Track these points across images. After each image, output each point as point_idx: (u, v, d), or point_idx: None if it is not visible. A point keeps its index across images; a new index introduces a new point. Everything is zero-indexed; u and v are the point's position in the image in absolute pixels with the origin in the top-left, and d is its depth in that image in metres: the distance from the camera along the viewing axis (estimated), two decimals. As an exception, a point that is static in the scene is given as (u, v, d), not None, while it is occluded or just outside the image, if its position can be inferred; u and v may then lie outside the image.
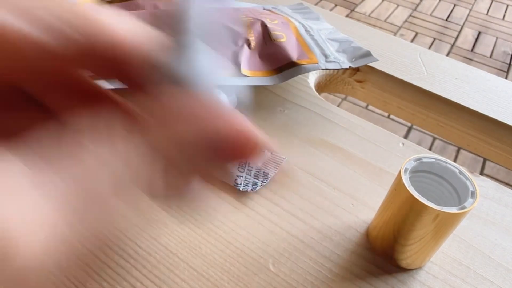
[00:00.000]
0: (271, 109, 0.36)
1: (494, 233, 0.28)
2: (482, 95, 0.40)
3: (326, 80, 0.42)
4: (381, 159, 0.33)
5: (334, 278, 0.25)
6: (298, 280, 0.25)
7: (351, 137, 0.34)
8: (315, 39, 0.37)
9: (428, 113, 0.40)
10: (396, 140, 0.34)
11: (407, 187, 0.23)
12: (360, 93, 0.43)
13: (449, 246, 0.27)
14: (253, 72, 0.34)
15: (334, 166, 0.32)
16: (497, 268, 0.26)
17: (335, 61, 0.35)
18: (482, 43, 1.74)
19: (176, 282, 0.24)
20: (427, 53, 0.45)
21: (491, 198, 0.31)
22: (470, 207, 0.22)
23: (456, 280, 0.26)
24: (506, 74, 1.58)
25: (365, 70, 0.42)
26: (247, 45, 0.35)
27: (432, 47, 1.68)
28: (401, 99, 0.41)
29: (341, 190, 0.30)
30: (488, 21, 1.90)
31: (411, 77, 0.41)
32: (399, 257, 0.25)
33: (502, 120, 0.38)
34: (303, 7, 0.45)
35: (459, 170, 0.24)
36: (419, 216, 0.22)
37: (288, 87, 0.38)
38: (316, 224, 0.27)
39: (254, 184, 0.29)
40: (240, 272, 0.25)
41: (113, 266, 0.24)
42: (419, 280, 0.25)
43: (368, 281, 0.25)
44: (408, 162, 0.24)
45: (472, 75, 0.43)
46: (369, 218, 0.28)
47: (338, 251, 0.26)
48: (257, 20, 0.37)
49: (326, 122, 0.35)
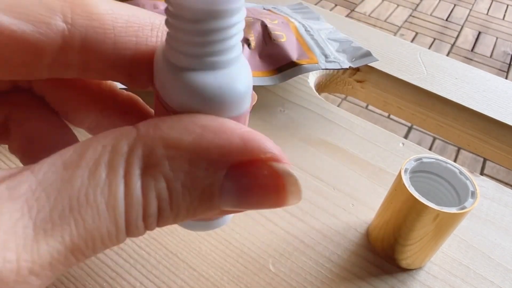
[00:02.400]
0: (271, 109, 0.36)
1: (494, 233, 0.28)
2: (482, 95, 0.40)
3: (326, 80, 0.42)
4: (381, 159, 0.33)
5: (334, 278, 0.25)
6: (298, 280, 0.25)
7: (351, 137, 0.34)
8: (315, 39, 0.37)
9: (428, 113, 0.40)
10: (396, 140, 0.34)
11: (407, 187, 0.23)
12: (360, 93, 0.43)
13: (449, 246, 0.27)
14: (253, 72, 0.34)
15: (334, 166, 0.32)
16: (497, 268, 0.26)
17: (335, 61, 0.35)
18: (482, 43, 1.74)
19: (176, 282, 0.24)
20: (427, 53, 0.45)
21: (491, 198, 0.31)
22: (470, 207, 0.22)
23: (456, 280, 0.26)
24: (506, 74, 1.58)
25: (365, 70, 0.42)
26: (247, 45, 0.35)
27: (432, 47, 1.68)
28: (401, 99, 0.41)
29: (341, 190, 0.30)
30: (488, 21, 1.90)
31: (411, 77, 0.41)
32: (399, 257, 0.25)
33: (502, 120, 0.38)
34: (303, 7, 0.45)
35: (459, 170, 0.24)
36: (419, 216, 0.22)
37: (288, 87, 0.38)
38: (316, 224, 0.27)
39: (254, 184, 0.29)
40: (240, 272, 0.24)
41: (112, 265, 0.24)
42: (419, 280, 0.25)
43: (368, 281, 0.25)
44: (408, 162, 0.24)
45: (472, 75, 0.43)
46: (369, 218, 0.28)
47: (338, 251, 0.26)
48: (257, 20, 0.37)
49: (326, 122, 0.35)
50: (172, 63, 0.13)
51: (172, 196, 0.12)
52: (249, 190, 0.12)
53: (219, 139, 0.12)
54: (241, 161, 0.12)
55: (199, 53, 0.13)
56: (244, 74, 0.14)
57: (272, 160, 0.12)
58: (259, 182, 0.12)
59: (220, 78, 0.13)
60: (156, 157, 0.12)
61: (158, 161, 0.12)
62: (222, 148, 0.12)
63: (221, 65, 0.13)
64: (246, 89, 0.14)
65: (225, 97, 0.13)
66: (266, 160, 0.12)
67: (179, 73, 0.13)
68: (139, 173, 0.12)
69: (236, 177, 0.12)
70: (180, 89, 0.13)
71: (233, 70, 0.14)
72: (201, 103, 0.13)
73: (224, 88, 0.13)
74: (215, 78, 0.13)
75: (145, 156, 0.12)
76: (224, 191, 0.12)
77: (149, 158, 0.12)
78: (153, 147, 0.12)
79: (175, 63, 0.13)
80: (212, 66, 0.13)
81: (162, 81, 0.14)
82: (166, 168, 0.12)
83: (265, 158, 0.12)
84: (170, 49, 0.13)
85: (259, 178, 0.12)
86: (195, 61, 0.13)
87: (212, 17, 0.12)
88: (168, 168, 0.12)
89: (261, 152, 0.12)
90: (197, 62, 0.13)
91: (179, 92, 0.13)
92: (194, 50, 0.13)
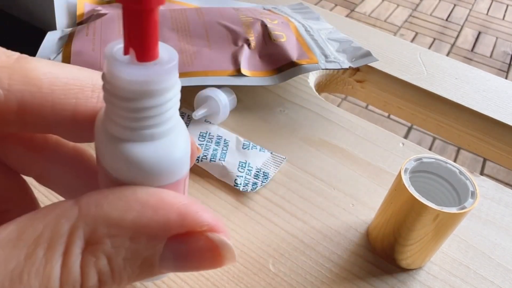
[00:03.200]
0: (271, 109, 0.36)
1: (494, 233, 0.28)
2: (482, 95, 0.40)
3: (326, 80, 0.42)
4: (381, 159, 0.33)
5: (334, 278, 0.25)
6: (298, 280, 0.25)
7: (351, 137, 0.34)
8: (315, 39, 0.37)
9: (428, 113, 0.40)
10: (396, 140, 0.34)
11: (407, 187, 0.23)
12: (360, 93, 0.43)
13: (449, 246, 0.27)
14: (253, 72, 0.34)
15: (334, 166, 0.32)
16: (497, 268, 0.26)
17: (335, 61, 0.35)
18: (482, 43, 1.74)
19: (176, 282, 0.24)
20: (427, 53, 0.45)
21: (491, 198, 0.31)
22: (470, 207, 0.22)
23: (456, 280, 0.26)
24: (506, 74, 1.58)
25: (365, 70, 0.42)
26: (247, 45, 0.35)
27: (432, 47, 1.68)
28: (401, 99, 0.41)
29: (341, 190, 0.30)
30: (488, 21, 1.90)
31: (411, 77, 0.41)
32: (399, 257, 0.25)
33: (502, 120, 0.38)
34: (303, 7, 0.45)
35: (459, 170, 0.24)
36: (419, 216, 0.22)
37: (288, 87, 0.38)
38: (316, 224, 0.27)
39: (254, 184, 0.29)
40: (240, 272, 0.25)
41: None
42: (419, 280, 0.25)
43: (368, 281, 0.25)
44: (408, 162, 0.24)
45: (472, 75, 0.43)
46: (369, 218, 0.28)
47: (338, 251, 0.26)
48: (257, 20, 0.37)
49: (326, 122, 0.35)
50: (110, 133, 0.14)
51: (113, 270, 0.13)
52: (187, 257, 0.13)
53: (158, 215, 0.13)
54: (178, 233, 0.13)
55: (136, 126, 0.13)
56: (182, 140, 0.15)
57: (208, 231, 0.13)
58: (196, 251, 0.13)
59: (158, 149, 0.14)
60: (98, 236, 0.12)
61: (100, 239, 0.12)
62: (161, 223, 0.13)
63: (159, 136, 0.14)
64: (184, 155, 0.15)
65: (163, 167, 0.14)
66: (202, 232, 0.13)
67: (117, 144, 0.14)
68: (79, 252, 0.12)
69: (174, 247, 0.13)
70: (119, 160, 0.14)
71: (170, 138, 0.14)
72: (140, 174, 0.14)
73: (162, 158, 0.14)
74: (153, 149, 0.14)
75: (86, 235, 0.12)
76: (163, 258, 0.13)
77: (90, 237, 0.12)
78: (95, 226, 0.12)
79: (113, 134, 0.14)
80: (149, 137, 0.14)
81: (101, 150, 0.14)
82: (108, 246, 0.12)
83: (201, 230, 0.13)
84: (108, 120, 0.14)
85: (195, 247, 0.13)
86: (133, 133, 0.13)
87: (147, 96, 0.13)
88: (109, 245, 0.12)
89: (197, 226, 0.13)
90: (134, 134, 0.14)
91: (118, 163, 0.14)
92: (130, 124, 0.13)
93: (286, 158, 0.31)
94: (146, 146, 0.14)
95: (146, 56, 0.12)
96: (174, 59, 0.13)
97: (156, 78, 0.13)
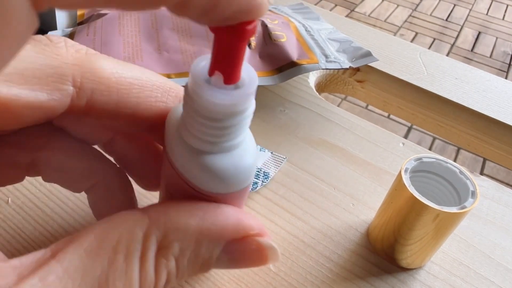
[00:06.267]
0: (271, 109, 0.36)
1: (494, 233, 0.28)
2: (482, 95, 0.40)
3: (326, 80, 0.42)
4: (381, 159, 0.33)
5: (334, 278, 0.25)
6: (298, 280, 0.25)
7: (351, 137, 0.34)
8: (315, 39, 0.37)
9: (428, 113, 0.40)
10: (396, 140, 0.34)
11: (407, 187, 0.23)
12: (360, 93, 0.43)
13: (449, 246, 0.27)
14: (253, 72, 0.34)
15: (334, 166, 0.32)
16: (497, 268, 0.26)
17: (335, 61, 0.35)
18: (482, 43, 1.74)
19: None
20: (427, 53, 0.45)
21: (491, 198, 0.31)
22: (470, 207, 0.22)
23: (456, 280, 0.26)
24: (506, 74, 1.58)
25: (365, 70, 0.42)
26: (247, 45, 0.35)
27: (432, 47, 1.68)
28: (401, 99, 0.41)
29: (341, 190, 0.30)
30: (488, 21, 1.90)
31: (411, 77, 0.41)
32: (399, 257, 0.25)
33: (502, 120, 0.38)
34: (303, 7, 0.45)
35: (459, 170, 0.24)
36: (419, 216, 0.22)
37: (288, 87, 0.38)
38: (316, 224, 0.28)
39: (254, 184, 0.29)
40: (241, 272, 0.25)
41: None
42: (419, 280, 0.25)
43: (368, 281, 0.25)
44: (408, 162, 0.24)
45: (472, 75, 0.43)
46: (369, 218, 0.28)
47: (338, 251, 0.26)
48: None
49: (326, 122, 0.35)
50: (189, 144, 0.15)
51: (179, 270, 0.14)
52: (240, 258, 0.16)
53: (218, 221, 0.15)
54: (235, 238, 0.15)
55: (217, 141, 0.14)
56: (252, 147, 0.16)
57: (257, 235, 0.16)
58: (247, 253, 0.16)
59: (235, 158, 0.15)
60: (168, 241, 0.14)
61: (170, 243, 0.14)
62: (219, 228, 0.15)
63: (235, 147, 0.15)
64: (255, 160, 0.16)
65: (240, 174, 0.15)
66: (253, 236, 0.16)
67: (195, 154, 0.15)
68: (153, 256, 0.14)
69: (231, 251, 0.15)
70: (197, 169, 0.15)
71: (244, 147, 0.15)
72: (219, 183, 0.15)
73: (238, 166, 0.15)
74: (231, 159, 0.15)
75: (158, 240, 0.14)
76: (219, 259, 0.15)
77: (161, 242, 0.14)
78: (165, 232, 0.14)
79: (192, 145, 0.15)
80: (227, 149, 0.15)
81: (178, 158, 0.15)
82: (176, 249, 0.14)
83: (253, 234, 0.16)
84: (186, 130, 0.14)
85: (248, 250, 0.16)
86: (212, 146, 0.14)
87: (230, 117, 0.14)
88: (177, 249, 0.14)
89: (250, 231, 0.15)
90: (214, 147, 0.14)
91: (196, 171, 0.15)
92: (211, 139, 0.14)
93: (286, 158, 0.31)
94: (225, 157, 0.15)
95: (231, 80, 0.13)
96: (254, 83, 0.14)
97: (239, 101, 0.14)
